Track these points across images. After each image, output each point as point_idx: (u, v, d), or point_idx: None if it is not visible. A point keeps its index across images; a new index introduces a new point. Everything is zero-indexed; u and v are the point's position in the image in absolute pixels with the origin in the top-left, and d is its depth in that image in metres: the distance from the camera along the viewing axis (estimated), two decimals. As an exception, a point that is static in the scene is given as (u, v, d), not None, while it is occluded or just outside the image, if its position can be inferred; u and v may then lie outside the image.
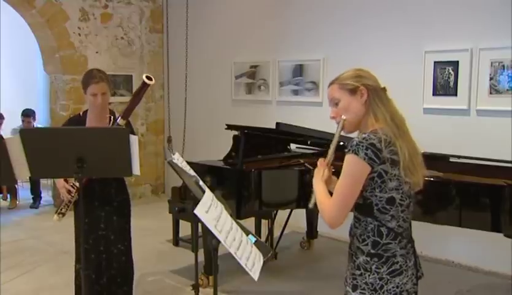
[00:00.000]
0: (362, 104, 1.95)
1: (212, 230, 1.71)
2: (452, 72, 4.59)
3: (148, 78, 2.98)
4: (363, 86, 1.95)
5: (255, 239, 1.95)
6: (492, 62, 4.36)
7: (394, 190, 1.87)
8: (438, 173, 3.49)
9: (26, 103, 7.57)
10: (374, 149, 1.81)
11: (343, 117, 1.97)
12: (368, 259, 1.90)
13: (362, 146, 1.81)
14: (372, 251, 1.89)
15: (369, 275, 1.89)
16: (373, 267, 1.89)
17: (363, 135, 1.85)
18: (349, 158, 1.84)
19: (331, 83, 2.04)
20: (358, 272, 1.93)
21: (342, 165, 1.88)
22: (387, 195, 1.87)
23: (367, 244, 1.91)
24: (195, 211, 1.66)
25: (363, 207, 1.91)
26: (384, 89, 1.99)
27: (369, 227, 1.90)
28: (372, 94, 1.95)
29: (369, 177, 1.84)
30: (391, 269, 1.88)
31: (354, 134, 1.99)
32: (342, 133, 2.02)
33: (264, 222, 4.92)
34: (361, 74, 1.99)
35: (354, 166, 1.83)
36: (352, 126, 1.99)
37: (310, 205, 2.08)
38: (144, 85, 3.00)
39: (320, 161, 2.13)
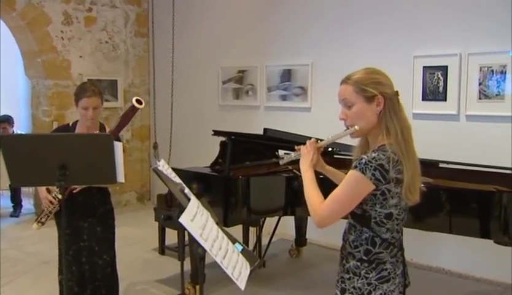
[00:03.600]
0: (376, 114, 1.90)
1: (198, 238, 1.71)
2: (441, 77, 4.63)
3: (138, 102, 3.00)
4: (381, 96, 1.90)
5: (242, 247, 1.95)
6: (481, 67, 4.40)
7: (393, 206, 1.88)
8: (427, 179, 3.50)
9: (6, 109, 7.50)
10: (382, 169, 1.80)
11: (356, 127, 1.92)
12: (359, 264, 1.91)
13: (371, 167, 1.80)
14: (363, 257, 1.91)
15: (357, 280, 1.91)
16: (362, 272, 1.90)
17: (373, 154, 1.82)
18: (355, 175, 1.82)
19: (345, 82, 1.99)
20: (347, 276, 1.94)
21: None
22: (386, 210, 1.88)
23: (359, 251, 1.92)
24: (180, 219, 1.65)
25: (361, 218, 1.91)
26: (397, 93, 1.95)
27: (364, 236, 1.91)
28: (388, 104, 1.90)
29: (372, 192, 1.84)
30: (379, 275, 1.89)
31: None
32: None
33: (252, 230, 4.90)
34: (381, 81, 1.94)
35: (359, 183, 1.82)
36: (361, 133, 1.97)
37: (281, 163, 2.10)
38: (133, 109, 3.02)
39: (311, 143, 2.07)
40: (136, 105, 2.97)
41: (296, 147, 2.16)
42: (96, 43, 6.90)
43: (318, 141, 2.11)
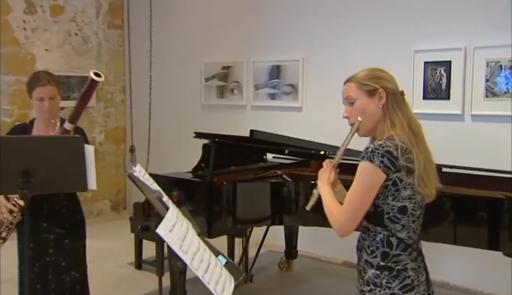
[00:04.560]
0: (379, 107, 2.05)
1: (177, 251, 1.69)
2: (444, 74, 4.66)
3: (96, 74, 2.91)
4: (382, 89, 2.05)
5: (226, 260, 1.93)
6: (488, 62, 4.43)
7: (407, 199, 1.97)
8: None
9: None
10: (390, 156, 1.91)
11: (359, 118, 2.05)
12: (378, 272, 1.97)
13: (378, 153, 1.91)
14: (382, 263, 1.97)
15: (379, 291, 1.96)
16: (383, 282, 1.96)
17: (379, 142, 1.95)
18: (364, 166, 1.94)
19: (348, 81, 2.14)
20: (367, 288, 2.00)
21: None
22: (399, 203, 1.97)
23: (376, 256, 1.99)
24: (157, 230, 1.64)
25: (373, 215, 2.00)
26: (402, 93, 2.09)
27: (378, 237, 1.99)
28: (391, 98, 2.05)
29: (383, 184, 1.94)
30: (403, 284, 1.95)
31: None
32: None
33: (238, 241, 4.89)
34: (381, 76, 2.10)
35: (368, 173, 1.93)
36: (367, 130, 2.09)
37: (308, 208, 2.20)
38: (92, 83, 2.93)
39: (327, 163, 2.24)
40: (95, 78, 2.88)
41: (314, 182, 2.35)
42: (64, 35, 6.82)
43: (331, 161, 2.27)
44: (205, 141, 4.19)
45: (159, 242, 4.05)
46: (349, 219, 1.96)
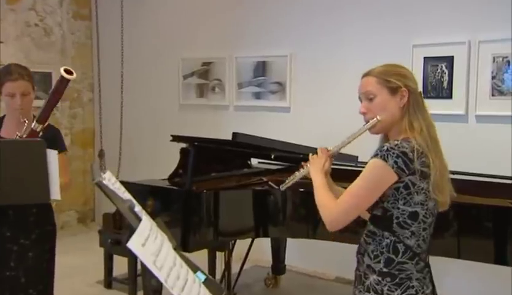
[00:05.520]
0: (400, 107, 2.10)
1: (150, 267, 1.67)
2: (445, 70, 4.68)
3: (68, 72, 2.91)
4: (405, 88, 2.10)
5: (205, 277, 1.92)
6: (494, 58, 4.45)
7: (419, 204, 2.01)
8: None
9: None
10: (405, 157, 1.96)
11: (378, 117, 2.09)
12: (380, 278, 2.01)
13: (393, 153, 1.96)
14: (384, 270, 2.00)
15: None
16: (385, 289, 1.99)
17: (395, 142, 2.00)
18: (376, 163, 1.98)
19: (367, 75, 2.17)
20: None
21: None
22: (410, 208, 2.01)
23: (379, 262, 2.02)
24: (128, 244, 1.61)
25: (381, 219, 2.04)
26: (420, 94, 2.17)
27: (384, 243, 2.03)
28: (412, 98, 2.11)
29: (394, 186, 1.98)
30: (405, 293, 1.98)
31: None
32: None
33: (219, 255, 4.88)
34: (405, 74, 2.15)
35: (379, 171, 1.98)
36: (382, 128, 2.14)
37: (282, 188, 2.28)
38: (63, 81, 2.92)
39: (322, 150, 2.27)
40: (66, 76, 2.89)
41: (302, 163, 2.35)
42: (22, 25, 6.74)
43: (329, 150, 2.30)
44: (184, 145, 4.17)
45: (132, 257, 4.03)
46: (346, 214, 2.01)
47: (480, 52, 4.51)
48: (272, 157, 4.35)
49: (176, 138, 4.13)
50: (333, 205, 2.03)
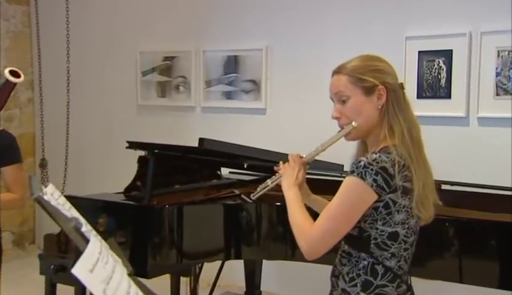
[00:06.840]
0: (377, 108, 2.10)
1: (100, 297, 1.64)
2: (443, 66, 4.71)
3: (14, 74, 2.89)
4: (382, 86, 2.09)
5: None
6: (499, 51, 4.49)
7: (400, 224, 2.02)
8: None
9: None
10: (385, 174, 1.96)
11: (354, 124, 2.09)
12: None
13: (371, 170, 1.95)
14: (362, 294, 2.01)
15: None
16: None
17: (374, 156, 1.99)
18: (352, 182, 1.98)
19: (338, 72, 2.16)
20: None
21: None
22: (390, 229, 2.02)
23: (355, 285, 2.03)
24: (73, 271, 1.58)
25: (357, 240, 2.04)
26: (402, 86, 2.16)
27: (361, 264, 2.04)
28: (392, 97, 2.10)
29: (373, 206, 1.98)
30: None
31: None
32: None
33: (184, 281, 4.85)
34: (382, 68, 2.13)
35: (357, 191, 1.98)
36: (359, 134, 2.14)
37: (253, 197, 2.28)
38: (8, 85, 2.91)
39: (294, 157, 2.27)
40: (12, 79, 2.88)
41: (275, 168, 2.35)
42: None
43: (303, 157, 2.29)
44: (142, 153, 4.15)
45: (78, 286, 3.98)
46: (323, 240, 2.00)
47: (482, 45, 4.54)
48: (246, 166, 4.35)
49: (133, 145, 4.11)
50: (310, 231, 2.02)
